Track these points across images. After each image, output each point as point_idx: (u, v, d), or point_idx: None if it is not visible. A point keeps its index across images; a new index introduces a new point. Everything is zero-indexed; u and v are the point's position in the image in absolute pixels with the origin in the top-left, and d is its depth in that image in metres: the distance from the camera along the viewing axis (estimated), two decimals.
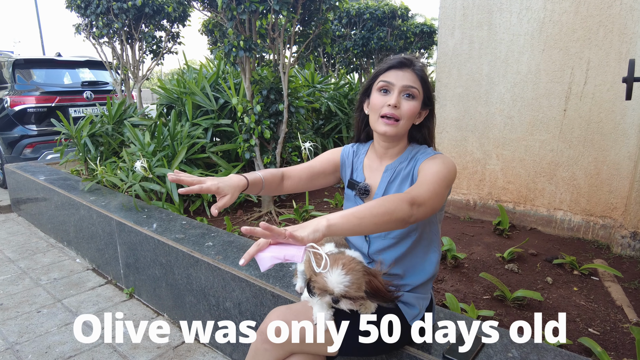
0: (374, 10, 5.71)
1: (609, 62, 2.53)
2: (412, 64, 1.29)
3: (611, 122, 2.58)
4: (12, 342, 2.23)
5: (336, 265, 1.13)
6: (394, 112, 1.26)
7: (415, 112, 1.28)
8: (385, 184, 1.35)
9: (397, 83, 1.27)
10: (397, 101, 1.26)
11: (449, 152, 3.29)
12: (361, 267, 1.16)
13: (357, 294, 1.14)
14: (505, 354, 1.31)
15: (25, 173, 3.99)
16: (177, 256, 2.23)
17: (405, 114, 1.27)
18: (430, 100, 1.33)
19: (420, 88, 1.29)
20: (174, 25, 4.76)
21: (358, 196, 1.40)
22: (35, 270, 3.08)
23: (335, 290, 1.13)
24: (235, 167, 3.35)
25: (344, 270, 1.12)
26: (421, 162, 1.29)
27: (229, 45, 2.85)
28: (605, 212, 2.69)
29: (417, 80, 1.28)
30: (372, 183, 1.40)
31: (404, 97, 1.27)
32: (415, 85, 1.27)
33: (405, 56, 1.31)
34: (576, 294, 2.08)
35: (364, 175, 1.43)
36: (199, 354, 2.13)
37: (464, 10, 3.05)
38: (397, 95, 1.26)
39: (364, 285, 1.14)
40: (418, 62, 1.31)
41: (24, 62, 5.49)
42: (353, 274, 1.13)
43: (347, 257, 1.17)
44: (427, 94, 1.31)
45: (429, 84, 1.31)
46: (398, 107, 1.26)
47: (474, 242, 2.70)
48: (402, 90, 1.27)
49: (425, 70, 1.32)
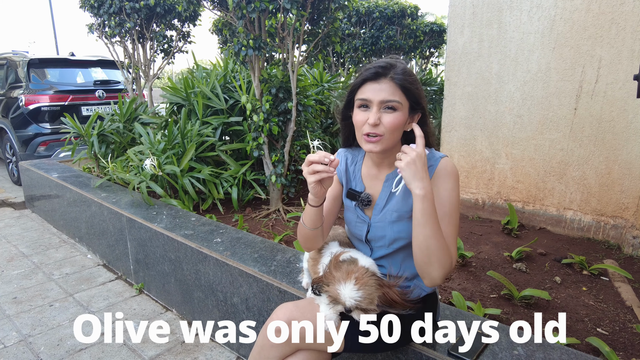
0: (383, 9, 5.71)
1: (621, 60, 2.50)
2: (388, 71, 1.17)
3: (623, 120, 2.55)
4: (25, 335, 2.28)
5: (349, 278, 1.12)
6: (375, 130, 1.17)
7: (399, 124, 1.17)
8: (387, 194, 1.30)
9: (374, 99, 1.16)
10: (377, 118, 1.16)
11: (458, 151, 3.27)
12: (374, 280, 1.14)
13: (369, 307, 1.13)
14: (511, 352, 1.31)
15: (39, 170, 4.07)
16: (186, 252, 2.26)
17: (388, 128, 1.17)
18: (418, 104, 1.21)
19: (402, 98, 1.17)
20: (184, 24, 4.81)
21: (359, 207, 1.35)
22: (48, 265, 3.14)
23: (347, 304, 1.12)
24: (244, 165, 3.38)
25: (356, 285, 1.11)
26: (433, 174, 1.22)
27: (239, 44, 2.87)
28: (616, 212, 2.66)
29: (396, 90, 1.16)
30: (372, 193, 1.33)
31: (385, 111, 1.17)
32: (395, 97, 1.16)
33: (380, 64, 1.18)
34: (585, 294, 2.07)
35: (364, 184, 1.35)
36: (206, 348, 2.16)
37: (474, 8, 3.03)
38: (375, 112, 1.16)
39: (376, 299, 1.13)
40: (398, 65, 1.18)
41: (39, 62, 5.59)
42: (365, 289, 1.11)
43: (361, 270, 1.15)
44: (413, 99, 1.19)
45: (414, 88, 1.18)
46: (379, 124, 1.16)
47: (482, 241, 2.69)
48: (381, 105, 1.16)
49: (407, 74, 1.18)
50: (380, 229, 1.30)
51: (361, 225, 1.35)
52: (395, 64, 1.19)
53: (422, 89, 1.23)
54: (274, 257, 2.03)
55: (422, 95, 1.22)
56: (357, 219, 1.36)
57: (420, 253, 1.15)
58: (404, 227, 1.26)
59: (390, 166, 1.31)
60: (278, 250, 2.10)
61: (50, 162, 4.50)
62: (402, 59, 1.25)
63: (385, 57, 1.24)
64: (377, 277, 1.17)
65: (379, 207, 1.31)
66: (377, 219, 1.30)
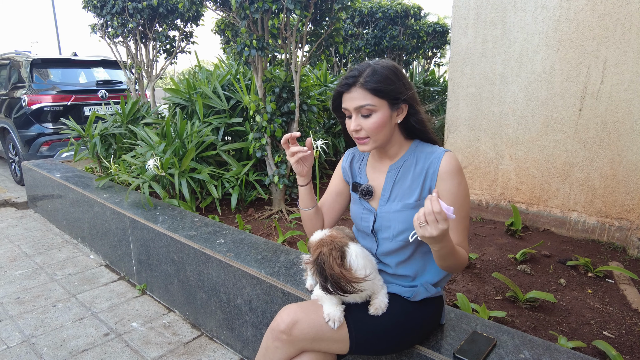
0: (386, 9, 5.69)
1: (627, 61, 2.49)
2: (357, 79, 1.21)
3: (628, 122, 2.53)
4: (28, 335, 2.27)
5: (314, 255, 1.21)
6: (360, 135, 1.26)
7: (379, 124, 1.22)
8: (390, 185, 1.33)
9: (349, 107, 1.24)
10: (357, 124, 1.24)
11: (462, 152, 3.26)
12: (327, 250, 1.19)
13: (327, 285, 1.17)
14: (517, 355, 1.30)
15: (41, 170, 4.07)
16: (189, 253, 2.25)
17: (369, 131, 1.24)
18: (398, 99, 1.23)
19: (375, 100, 1.20)
20: (187, 24, 4.81)
21: (362, 198, 1.39)
22: (51, 266, 3.14)
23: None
24: (245, 165, 3.37)
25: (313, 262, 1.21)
26: (437, 172, 1.25)
27: (242, 44, 2.86)
28: (621, 214, 2.64)
29: (367, 94, 1.20)
30: (376, 184, 1.38)
31: (362, 117, 1.23)
32: (367, 101, 1.20)
33: (350, 74, 1.24)
34: (590, 297, 2.05)
35: (367, 177, 1.42)
36: (209, 350, 2.15)
37: (478, 9, 3.02)
38: (355, 119, 1.24)
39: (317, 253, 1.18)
40: (366, 71, 1.21)
41: (41, 62, 5.59)
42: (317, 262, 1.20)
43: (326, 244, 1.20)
44: (389, 97, 1.22)
45: (385, 86, 1.20)
46: (360, 129, 1.24)
47: (486, 243, 2.68)
48: (357, 111, 1.23)
49: (376, 75, 1.20)
50: (385, 219, 1.32)
51: (367, 216, 1.37)
52: (363, 69, 1.22)
53: (399, 82, 1.23)
54: (278, 258, 2.02)
55: (399, 89, 1.23)
56: (363, 210, 1.39)
57: (441, 267, 1.24)
58: (409, 216, 1.28)
59: (393, 157, 1.35)
60: (281, 252, 2.09)
61: (52, 162, 4.50)
62: (372, 61, 1.25)
63: (356, 66, 1.28)
64: (334, 242, 1.20)
65: (384, 198, 1.34)
66: (383, 210, 1.33)
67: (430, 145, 1.33)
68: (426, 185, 1.28)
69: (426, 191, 1.28)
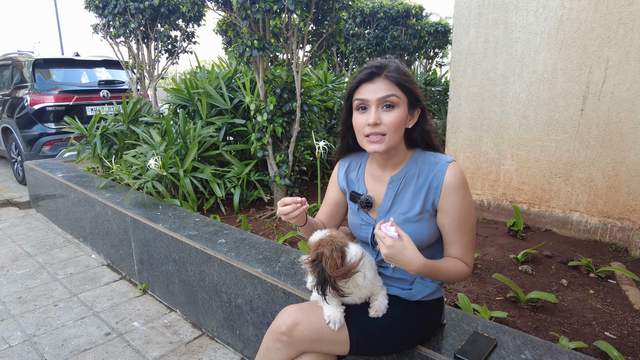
0: (388, 9, 5.69)
1: (629, 61, 2.48)
2: (382, 70, 1.17)
3: (631, 122, 2.52)
4: (30, 334, 2.28)
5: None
6: (377, 130, 1.17)
7: (400, 121, 1.17)
8: (391, 197, 1.29)
9: (371, 98, 1.17)
10: (377, 117, 1.16)
11: (463, 152, 3.25)
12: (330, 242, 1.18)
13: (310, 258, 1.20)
14: (518, 356, 1.30)
15: (43, 170, 4.08)
16: (190, 253, 2.25)
17: (389, 126, 1.17)
18: (417, 100, 1.21)
19: (399, 93, 1.17)
20: (189, 24, 4.81)
21: (361, 209, 1.34)
22: (53, 265, 3.15)
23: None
24: (247, 165, 3.37)
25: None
26: (441, 187, 1.21)
27: (243, 44, 2.86)
28: (623, 214, 2.63)
29: (393, 86, 1.16)
30: (375, 195, 1.32)
31: (384, 109, 1.17)
32: (392, 92, 1.16)
33: (374, 64, 1.19)
34: (592, 297, 2.04)
35: (366, 186, 1.35)
36: (210, 349, 2.15)
37: (479, 8, 3.01)
38: (375, 112, 1.17)
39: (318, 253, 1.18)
40: (391, 64, 1.19)
41: (44, 62, 5.61)
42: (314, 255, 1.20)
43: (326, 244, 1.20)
44: (412, 95, 1.19)
45: (410, 83, 1.19)
46: (379, 123, 1.17)
47: (488, 243, 2.67)
48: (379, 103, 1.17)
49: (401, 71, 1.18)
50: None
51: (366, 228, 1.35)
52: (388, 63, 1.20)
53: (418, 87, 1.23)
54: (279, 258, 2.02)
55: (419, 91, 1.22)
56: (361, 222, 1.36)
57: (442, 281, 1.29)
58: (411, 229, 1.24)
59: (395, 167, 1.30)
60: (282, 252, 2.09)
61: (54, 162, 4.51)
62: (394, 58, 1.25)
63: (379, 58, 1.25)
64: (334, 243, 1.19)
65: (384, 209, 1.30)
66: None
67: (432, 154, 1.27)
68: (429, 199, 1.24)
69: (429, 204, 1.24)
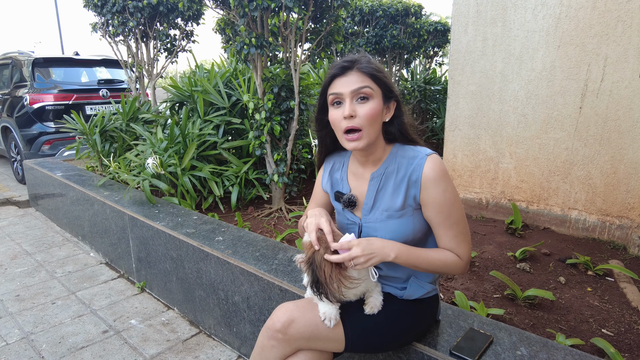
0: (387, 7, 5.68)
1: (628, 59, 2.47)
2: (354, 64, 1.18)
3: (629, 119, 2.52)
4: (27, 332, 2.28)
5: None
6: (353, 123, 1.16)
7: (376, 112, 1.17)
8: (373, 193, 1.27)
9: (345, 91, 1.16)
10: (351, 109, 1.15)
11: (462, 150, 3.25)
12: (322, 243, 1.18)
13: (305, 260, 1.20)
14: (514, 352, 1.29)
15: (43, 169, 4.08)
16: (188, 251, 2.25)
17: (365, 119, 1.16)
18: (391, 92, 1.21)
19: (373, 84, 1.17)
20: (188, 23, 4.81)
21: (345, 209, 1.34)
22: (51, 263, 3.15)
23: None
24: (246, 163, 3.37)
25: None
26: (420, 180, 1.20)
27: (241, 42, 2.86)
28: (622, 212, 2.63)
29: (366, 78, 1.17)
30: (358, 193, 1.31)
31: (358, 102, 1.17)
32: (365, 83, 1.16)
33: (346, 59, 1.20)
34: (590, 295, 2.04)
35: (349, 185, 1.34)
36: (207, 347, 2.15)
37: (478, 7, 3.01)
38: (349, 104, 1.16)
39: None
40: (362, 58, 1.19)
41: (43, 61, 5.61)
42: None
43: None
44: (385, 86, 1.20)
45: (383, 76, 1.19)
46: (355, 116, 1.16)
47: (486, 241, 2.67)
48: (353, 95, 1.16)
49: (373, 64, 1.19)
50: (372, 229, 1.28)
51: (352, 227, 1.33)
52: (359, 58, 1.21)
53: (390, 79, 1.24)
54: (276, 255, 2.02)
55: (392, 83, 1.23)
56: (347, 222, 1.35)
57: (430, 272, 1.27)
58: (395, 225, 1.24)
59: (375, 164, 1.29)
60: (280, 249, 2.09)
61: (54, 161, 4.52)
62: (366, 54, 1.25)
63: (351, 54, 1.25)
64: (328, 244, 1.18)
65: (367, 207, 1.29)
66: (368, 219, 1.29)
67: (411, 148, 1.26)
68: (410, 193, 1.22)
69: (410, 199, 1.23)
